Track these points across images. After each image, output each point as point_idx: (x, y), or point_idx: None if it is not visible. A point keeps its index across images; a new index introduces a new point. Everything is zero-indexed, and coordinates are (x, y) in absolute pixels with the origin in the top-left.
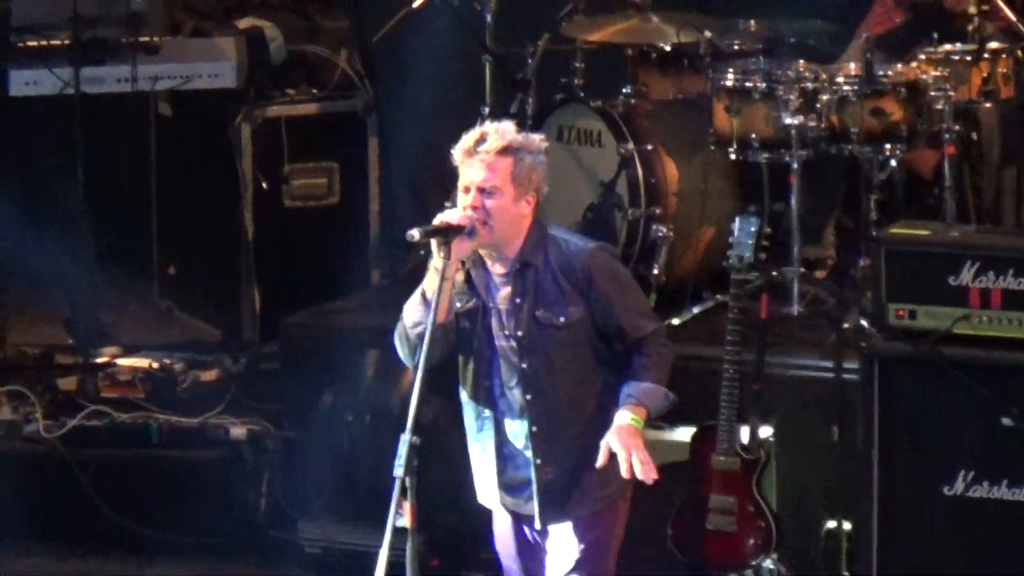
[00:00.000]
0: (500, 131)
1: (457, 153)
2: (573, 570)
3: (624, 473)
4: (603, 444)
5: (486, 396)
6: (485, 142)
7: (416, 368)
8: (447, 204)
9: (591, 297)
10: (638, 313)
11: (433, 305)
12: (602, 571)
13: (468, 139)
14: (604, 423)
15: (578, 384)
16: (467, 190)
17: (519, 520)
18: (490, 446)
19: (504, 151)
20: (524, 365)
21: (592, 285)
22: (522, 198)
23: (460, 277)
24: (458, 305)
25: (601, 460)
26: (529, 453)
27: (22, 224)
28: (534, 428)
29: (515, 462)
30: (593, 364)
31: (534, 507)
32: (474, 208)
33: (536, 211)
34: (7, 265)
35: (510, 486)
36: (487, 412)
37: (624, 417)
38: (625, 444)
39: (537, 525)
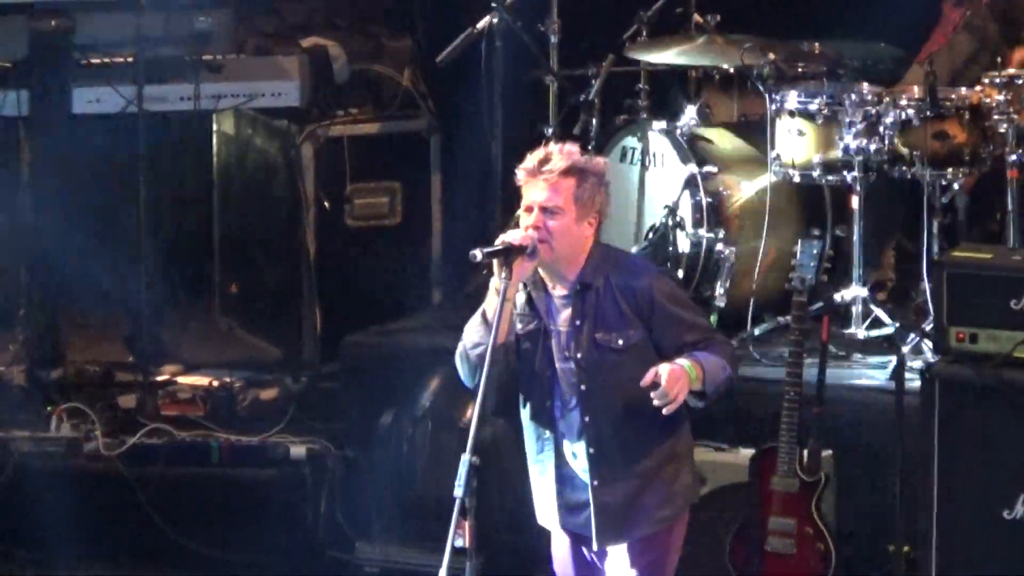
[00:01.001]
0: (564, 152)
1: (521, 173)
2: None
3: (655, 400)
4: (652, 369)
5: (547, 417)
6: (549, 162)
7: (477, 388)
8: (510, 225)
9: (654, 320)
10: (704, 330)
11: (494, 326)
12: None
13: (532, 159)
14: (662, 447)
15: (637, 407)
16: (530, 210)
17: (578, 542)
18: (550, 467)
19: (568, 172)
20: (583, 387)
21: (654, 308)
22: (584, 219)
23: (521, 298)
24: (519, 326)
25: (646, 379)
26: (587, 475)
27: (85, 242)
28: (591, 450)
29: (574, 483)
30: (655, 386)
31: (591, 529)
32: (536, 228)
33: (598, 233)
34: (69, 283)
35: (569, 507)
36: (547, 433)
37: (682, 361)
38: (669, 376)
39: (595, 547)
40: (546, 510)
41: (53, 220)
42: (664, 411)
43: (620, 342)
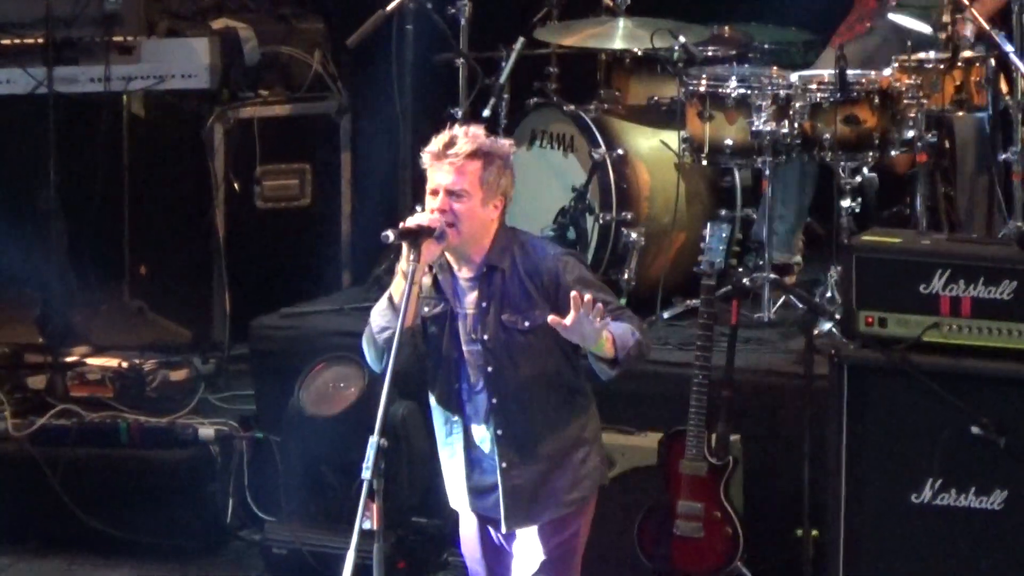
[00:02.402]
0: (470, 135)
1: (426, 156)
2: (538, 573)
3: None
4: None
5: (455, 401)
6: (455, 145)
7: (384, 372)
8: (418, 208)
9: (560, 299)
10: (611, 305)
11: (401, 309)
12: (568, 575)
13: (437, 142)
14: (570, 429)
15: (544, 389)
16: (435, 193)
17: (485, 524)
18: (459, 450)
19: (473, 155)
20: (490, 369)
21: (560, 287)
22: (490, 202)
23: (427, 281)
24: (426, 309)
25: (570, 318)
26: (495, 457)
27: None
28: (499, 432)
29: (482, 466)
30: (558, 369)
31: (500, 511)
32: (442, 211)
33: (503, 216)
34: None
35: (478, 490)
36: (456, 417)
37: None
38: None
39: (503, 529)
40: (457, 493)
41: None
42: (590, 323)
43: (526, 323)
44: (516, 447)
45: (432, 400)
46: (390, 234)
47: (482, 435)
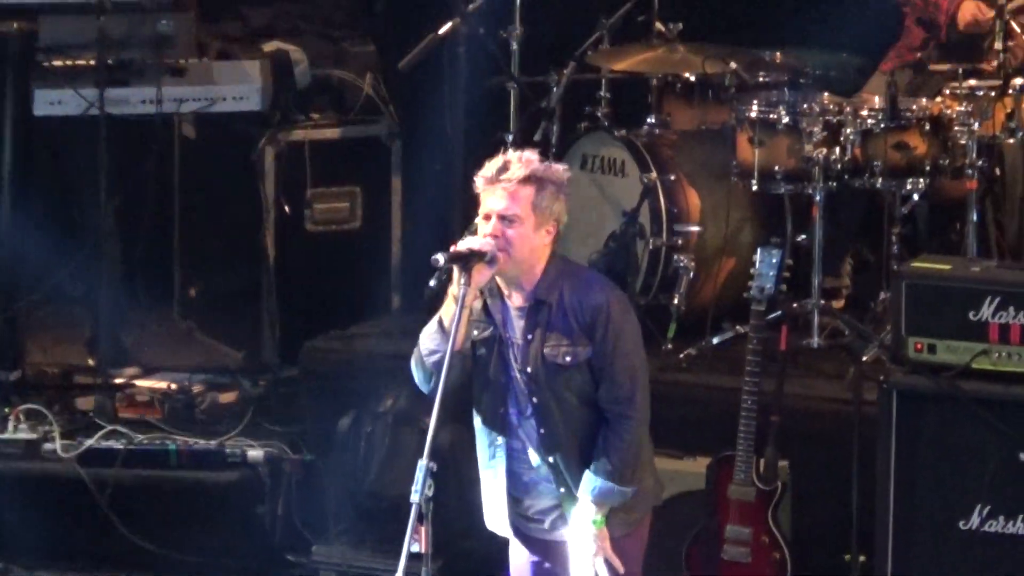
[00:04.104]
0: (524, 160)
1: (479, 180)
2: None
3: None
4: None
5: (500, 424)
6: (508, 170)
7: (433, 394)
8: (467, 232)
9: (595, 339)
10: (630, 372)
11: (452, 332)
12: None
13: (491, 167)
14: None
15: (592, 417)
16: (488, 217)
17: (534, 549)
18: (501, 473)
19: (526, 180)
20: (535, 399)
21: (596, 329)
22: (542, 227)
23: (478, 305)
24: (475, 333)
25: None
26: (552, 483)
27: (46, 244)
28: (550, 459)
29: (537, 489)
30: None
31: (560, 534)
32: (494, 236)
33: (555, 242)
34: (31, 284)
35: (530, 514)
36: (500, 440)
37: (588, 514)
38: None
39: (571, 552)
40: (495, 516)
41: (15, 222)
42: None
43: (568, 359)
44: (571, 474)
45: (476, 423)
46: (440, 257)
47: (536, 460)
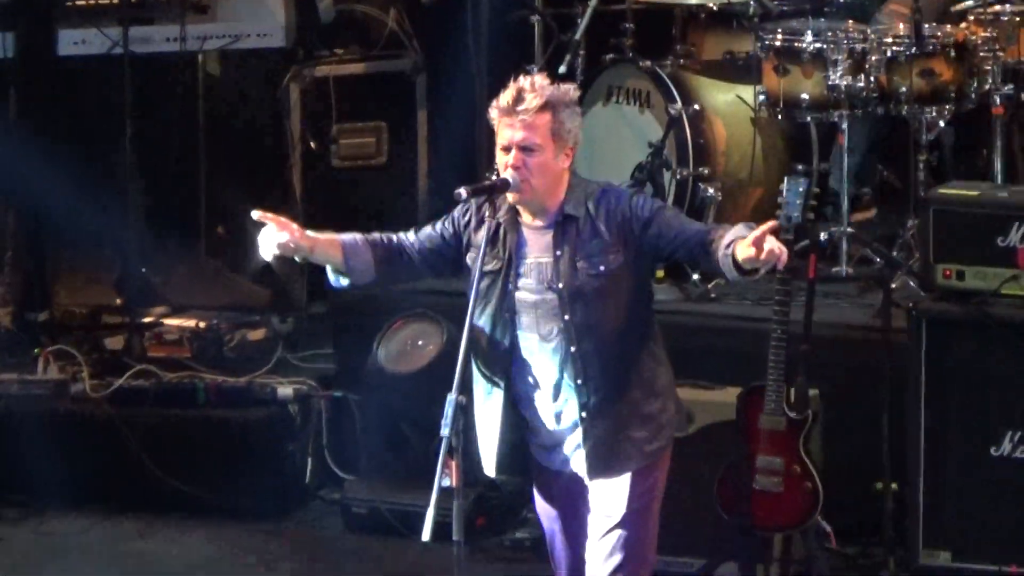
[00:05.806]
0: (537, 87)
1: (494, 112)
2: (617, 526)
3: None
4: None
5: (500, 362)
6: (523, 100)
7: (466, 326)
8: (496, 165)
9: (648, 232)
10: (705, 226)
11: (478, 265)
12: (647, 529)
13: (505, 97)
14: (646, 377)
15: (621, 336)
16: (507, 149)
17: (561, 479)
18: (497, 411)
19: (543, 108)
20: (567, 316)
21: (634, 218)
22: (561, 151)
23: (483, 236)
24: (480, 264)
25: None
26: (575, 408)
27: (72, 185)
28: (579, 381)
29: (558, 419)
30: (634, 316)
31: (581, 463)
32: (515, 168)
33: (573, 162)
34: (57, 226)
35: (551, 445)
36: (499, 378)
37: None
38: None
39: (587, 480)
40: (489, 456)
41: (40, 163)
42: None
43: (601, 267)
44: (597, 395)
45: (474, 361)
46: (463, 191)
47: (558, 386)
